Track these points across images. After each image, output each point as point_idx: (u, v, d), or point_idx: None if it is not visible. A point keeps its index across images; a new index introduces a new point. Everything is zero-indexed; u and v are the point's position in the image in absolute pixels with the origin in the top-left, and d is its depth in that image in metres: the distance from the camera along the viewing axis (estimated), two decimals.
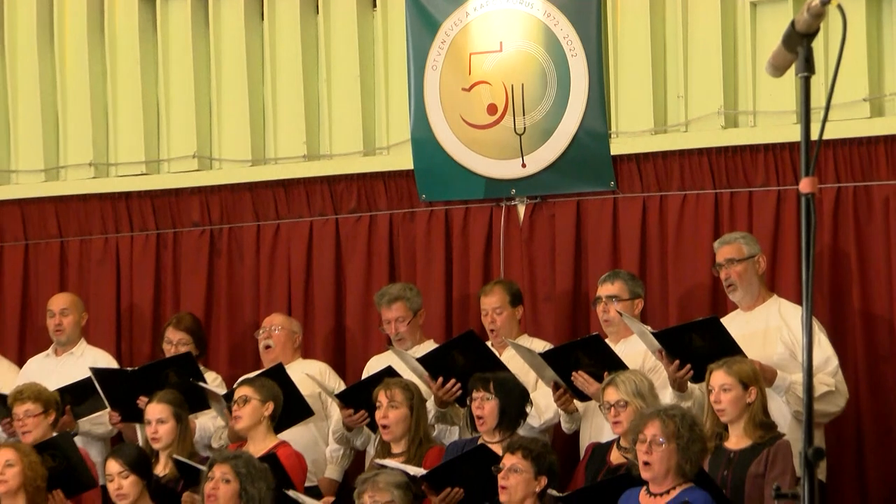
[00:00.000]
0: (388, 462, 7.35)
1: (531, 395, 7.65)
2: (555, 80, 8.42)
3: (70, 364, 8.83)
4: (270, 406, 7.76)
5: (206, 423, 8.43)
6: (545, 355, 7.50)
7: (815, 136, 3.88)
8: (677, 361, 7.11)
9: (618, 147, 8.45)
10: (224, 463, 7.17)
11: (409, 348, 8.17)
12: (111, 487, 7.47)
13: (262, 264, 9.25)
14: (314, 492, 7.88)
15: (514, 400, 7.42)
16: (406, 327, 8.19)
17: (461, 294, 8.79)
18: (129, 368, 8.54)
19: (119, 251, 9.60)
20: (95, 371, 8.37)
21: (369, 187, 9.05)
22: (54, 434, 8.08)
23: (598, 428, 7.54)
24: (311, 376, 8.19)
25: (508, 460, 6.78)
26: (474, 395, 7.38)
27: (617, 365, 7.24)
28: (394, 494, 6.93)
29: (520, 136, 8.52)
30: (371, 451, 7.95)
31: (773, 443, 6.77)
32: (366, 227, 9.05)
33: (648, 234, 8.42)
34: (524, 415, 7.54)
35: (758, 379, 6.85)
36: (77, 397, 8.44)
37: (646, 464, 6.41)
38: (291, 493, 7.35)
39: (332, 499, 7.65)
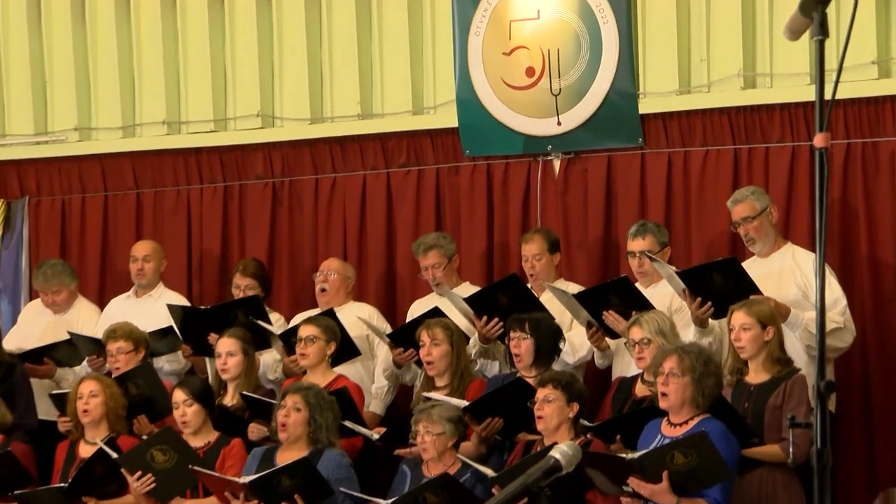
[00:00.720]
0: (433, 395, 7.40)
1: (566, 335, 7.70)
2: (588, 45, 8.41)
3: (149, 305, 8.90)
4: (333, 345, 7.85)
5: (268, 359, 8.48)
6: (578, 296, 7.53)
7: (828, 95, 3.93)
8: (699, 299, 7.14)
9: (645, 106, 8.46)
10: (296, 393, 7.22)
11: (441, 286, 8.22)
12: (176, 415, 7.54)
13: (319, 214, 9.28)
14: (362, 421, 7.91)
15: (548, 339, 7.46)
16: (442, 272, 8.25)
17: (501, 241, 8.81)
18: (202, 307, 8.58)
19: (190, 202, 9.63)
20: (172, 307, 8.47)
21: (418, 144, 9.06)
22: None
23: (627, 364, 7.55)
24: (364, 321, 8.24)
25: (541, 393, 6.83)
26: (511, 335, 7.44)
27: (643, 305, 7.29)
28: (445, 427, 6.98)
29: (555, 96, 8.52)
30: (417, 385, 7.99)
31: (789, 377, 6.80)
32: (414, 180, 9.07)
33: (673, 187, 8.42)
34: (557, 352, 7.58)
35: (775, 319, 6.88)
36: (157, 339, 8.54)
37: (663, 394, 6.49)
38: (348, 423, 7.44)
39: (383, 429, 7.67)
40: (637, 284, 7.66)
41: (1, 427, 7.96)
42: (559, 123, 8.55)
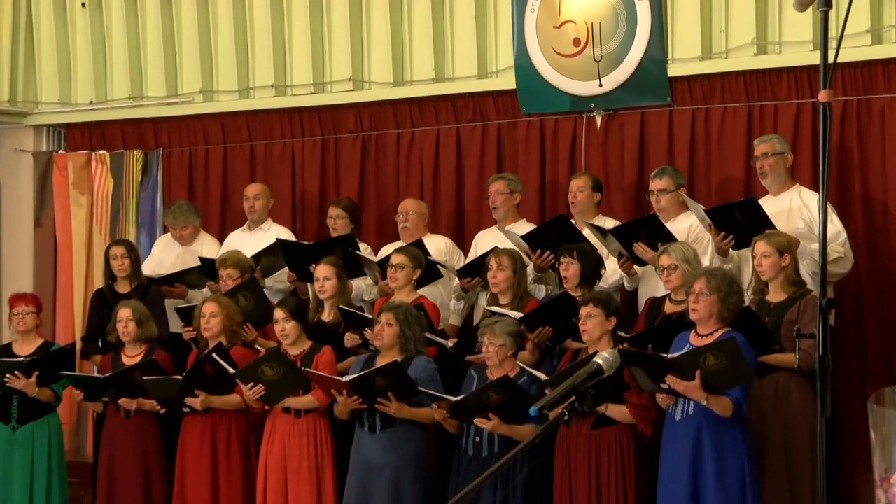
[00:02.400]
0: (495, 308, 7.40)
1: None
2: (625, 18, 8.36)
3: (260, 237, 8.92)
4: (418, 271, 7.88)
5: (360, 284, 8.51)
6: (613, 231, 7.51)
7: (830, 59, 4.06)
8: (723, 233, 7.10)
9: (673, 70, 8.38)
10: (389, 311, 7.24)
11: (506, 223, 8.20)
12: (277, 329, 7.56)
13: (400, 162, 9.29)
14: (441, 333, 7.93)
15: (591, 264, 7.46)
16: (501, 199, 8.24)
17: (552, 184, 8.77)
18: (307, 242, 8.58)
19: (294, 152, 9.65)
20: (281, 242, 8.50)
21: (482, 103, 9.02)
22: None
23: (652, 287, 7.57)
24: (437, 260, 8.22)
25: (584, 310, 6.79)
26: (562, 260, 7.44)
27: (667, 237, 7.25)
28: (505, 339, 6.96)
29: (597, 62, 8.45)
30: (483, 301, 7.97)
31: (803, 297, 6.80)
32: (479, 133, 9.04)
33: (696, 138, 8.36)
34: (599, 276, 7.56)
35: (791, 248, 6.88)
36: (265, 260, 8.57)
37: (694, 310, 6.46)
38: (428, 334, 7.45)
39: (455, 340, 7.69)
40: None
41: (149, 339, 8.05)
42: (600, 85, 8.48)
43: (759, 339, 6.51)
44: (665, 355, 6.37)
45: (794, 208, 7.32)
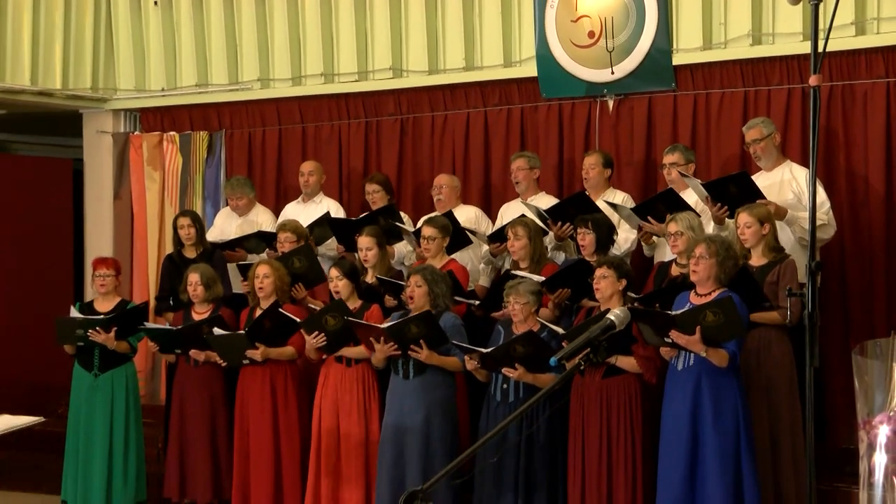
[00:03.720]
0: (519, 272, 7.37)
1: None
2: (634, 13, 8.29)
3: (313, 208, 8.92)
4: (447, 239, 7.87)
5: (402, 248, 8.50)
6: (636, 209, 7.49)
7: (819, 48, 4.09)
8: (719, 204, 7.05)
9: (677, 59, 8.31)
10: (417, 274, 7.26)
11: (528, 196, 8.16)
12: (331, 286, 7.59)
13: (434, 142, 9.26)
14: (471, 294, 7.93)
15: (605, 233, 7.41)
16: (523, 175, 8.20)
17: (569, 161, 8.72)
18: (352, 218, 8.54)
19: (340, 133, 9.63)
20: (331, 219, 8.52)
21: (507, 89, 8.97)
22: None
23: (666, 253, 7.48)
24: (468, 229, 8.18)
25: (598, 272, 6.78)
26: (578, 230, 7.41)
27: (683, 207, 7.19)
28: (529, 298, 6.95)
29: (610, 52, 8.38)
30: (507, 265, 7.94)
31: (782, 261, 6.76)
32: (505, 116, 8.99)
33: (698, 120, 8.30)
34: (612, 242, 7.51)
35: (770, 217, 6.83)
36: (317, 231, 8.57)
37: (694, 272, 6.44)
38: (457, 297, 7.47)
39: (476, 302, 7.66)
40: None
41: (216, 299, 8.09)
42: (612, 73, 8.41)
43: (750, 297, 6.49)
44: (669, 312, 6.36)
45: (784, 181, 7.26)
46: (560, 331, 6.83)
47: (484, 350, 6.86)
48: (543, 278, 7.23)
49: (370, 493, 7.38)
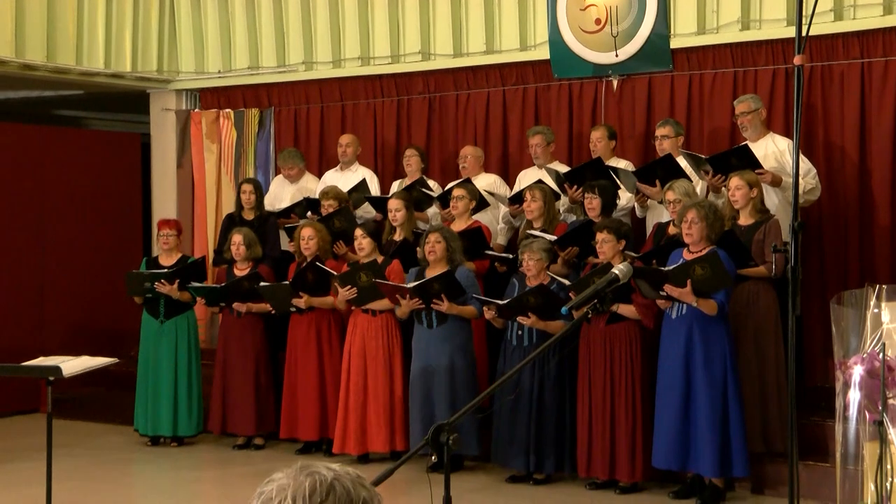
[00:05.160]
0: (534, 231, 7.33)
1: None
2: (636, 2, 8.18)
3: (350, 175, 8.86)
4: (473, 202, 7.85)
5: (431, 212, 8.42)
6: (636, 172, 7.44)
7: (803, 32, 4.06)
8: (719, 175, 6.99)
9: (674, 43, 8.18)
10: (436, 231, 7.29)
11: (542, 164, 8.07)
12: (356, 244, 7.61)
13: (458, 117, 9.15)
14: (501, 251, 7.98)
15: (610, 198, 7.38)
16: (541, 150, 8.10)
17: (577, 134, 8.62)
18: (384, 196, 8.45)
19: (375, 110, 9.53)
20: (368, 196, 8.50)
21: (523, 70, 8.86)
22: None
23: (657, 215, 7.50)
24: (489, 191, 8.14)
25: (599, 236, 6.79)
26: (586, 195, 7.36)
27: (679, 174, 7.13)
28: (542, 255, 6.94)
29: (614, 37, 8.27)
30: (522, 224, 7.89)
31: (768, 221, 6.74)
32: (521, 94, 8.88)
33: (692, 97, 8.19)
34: (615, 206, 7.45)
35: (758, 183, 6.80)
36: (355, 195, 8.54)
37: (688, 234, 6.42)
38: (487, 251, 7.49)
39: (511, 256, 7.59)
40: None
41: (255, 258, 8.10)
42: (617, 55, 8.30)
43: (739, 255, 6.46)
44: (663, 268, 6.38)
45: (768, 153, 7.19)
46: (567, 283, 6.83)
47: (501, 301, 6.86)
48: (555, 237, 7.20)
49: (394, 426, 7.41)
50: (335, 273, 7.54)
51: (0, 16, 9.09)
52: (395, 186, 8.70)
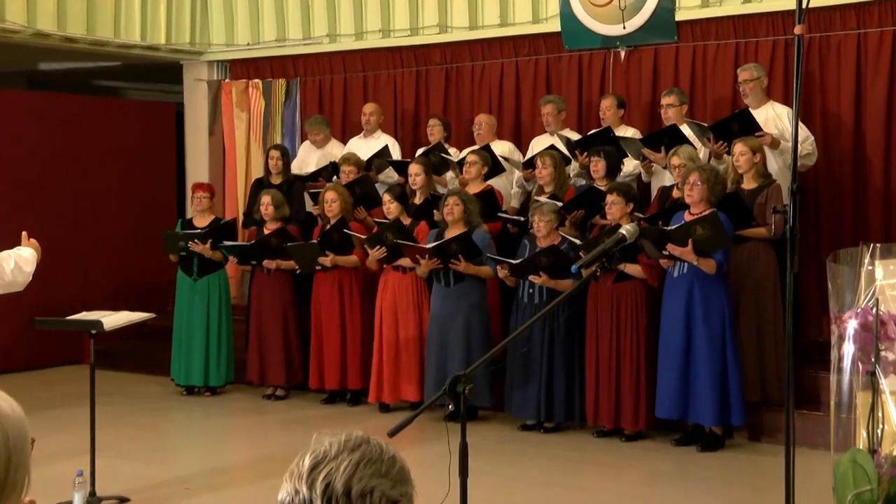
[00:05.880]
0: (542, 199, 7.29)
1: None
2: None
3: (372, 142, 8.81)
4: (486, 168, 7.78)
5: (449, 175, 8.35)
6: (643, 140, 7.36)
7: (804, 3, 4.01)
8: (721, 141, 6.93)
9: (679, 16, 8.08)
10: (454, 195, 7.27)
11: (554, 131, 7.99)
12: (384, 208, 7.61)
13: (474, 87, 9.09)
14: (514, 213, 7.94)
15: (614, 162, 7.34)
16: (553, 118, 8.04)
17: (587, 103, 8.54)
18: (406, 160, 8.38)
19: (395, 80, 9.46)
20: (390, 160, 8.45)
21: (535, 41, 8.76)
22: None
23: (660, 179, 7.43)
24: (505, 156, 8.07)
25: (609, 198, 6.75)
26: (592, 159, 7.31)
27: (684, 140, 7.06)
28: (551, 216, 6.93)
29: (622, 10, 8.17)
30: (534, 189, 7.84)
31: (769, 185, 6.70)
32: (533, 64, 8.79)
33: (696, 67, 8.09)
34: (619, 170, 7.41)
35: (761, 148, 6.74)
36: (377, 162, 8.50)
37: (689, 195, 6.40)
38: (500, 214, 7.42)
39: (522, 218, 7.55)
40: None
41: (283, 218, 8.08)
42: (624, 28, 8.19)
43: (741, 216, 6.42)
44: (666, 228, 6.35)
45: (768, 119, 7.12)
46: (578, 242, 6.80)
47: (513, 261, 6.85)
48: (562, 203, 7.17)
49: (423, 377, 7.43)
50: (361, 236, 7.52)
51: None
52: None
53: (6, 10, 8.79)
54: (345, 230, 7.61)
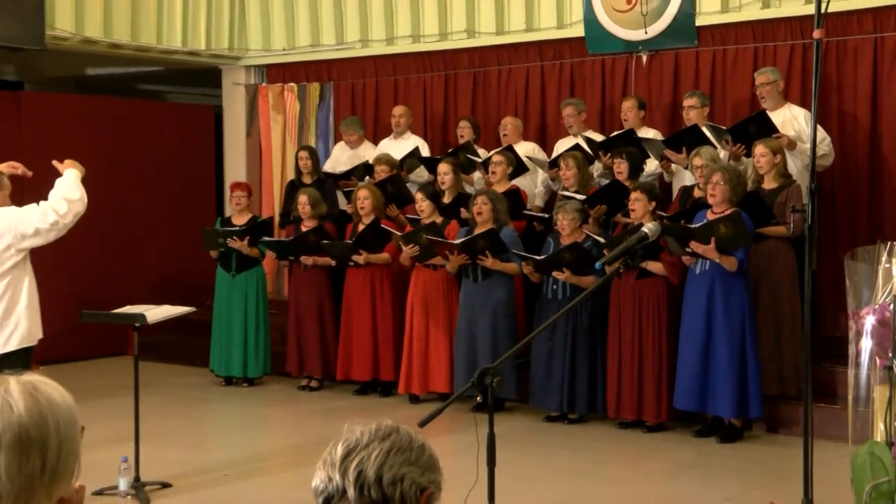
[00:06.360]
0: (566, 193, 7.27)
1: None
2: None
3: (403, 143, 8.80)
4: (510, 168, 7.77)
5: (476, 176, 8.31)
6: (666, 141, 7.30)
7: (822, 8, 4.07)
8: (739, 143, 6.85)
9: (699, 21, 8.01)
10: (482, 194, 7.25)
11: (576, 133, 7.96)
12: (416, 206, 7.59)
13: (500, 90, 9.05)
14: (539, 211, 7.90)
15: (637, 163, 7.29)
16: (573, 119, 8.01)
17: (609, 105, 8.48)
18: (437, 157, 8.38)
19: (425, 84, 9.44)
20: (420, 157, 8.46)
21: (560, 46, 8.71)
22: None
23: (682, 179, 7.39)
24: (530, 156, 8.05)
25: (633, 195, 6.71)
26: (615, 160, 7.28)
27: (705, 141, 7.01)
28: (574, 215, 6.90)
29: (644, 16, 8.11)
30: (559, 187, 7.81)
31: (790, 185, 6.65)
32: (558, 68, 8.75)
33: (715, 71, 8.02)
34: (642, 170, 7.36)
35: (782, 149, 6.69)
36: (408, 162, 8.50)
37: (712, 195, 6.34)
38: (525, 211, 7.44)
39: (546, 215, 7.53)
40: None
41: (320, 216, 8.09)
42: (646, 32, 8.13)
43: (761, 215, 6.37)
44: (689, 226, 6.31)
45: (786, 120, 7.06)
46: (602, 240, 6.77)
47: (538, 257, 6.83)
48: (585, 197, 7.15)
49: (451, 369, 7.43)
50: (397, 233, 7.52)
51: (90, 0, 9.14)
52: None
53: (56, 19, 8.88)
54: (381, 225, 7.64)
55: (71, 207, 4.83)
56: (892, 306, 3.32)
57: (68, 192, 4.84)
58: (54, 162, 5.00)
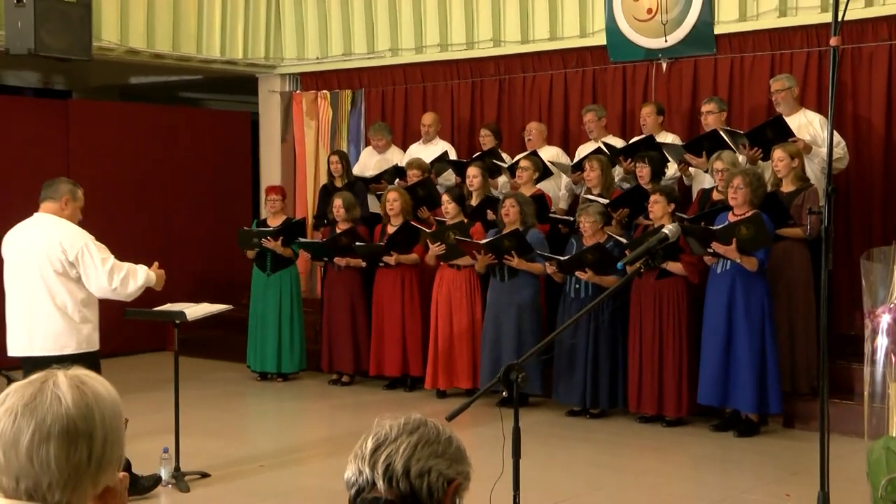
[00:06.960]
0: (590, 196, 7.23)
1: None
2: None
3: (432, 148, 8.79)
4: (537, 173, 7.73)
5: (502, 180, 8.31)
6: (686, 146, 7.26)
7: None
8: (756, 147, 6.81)
9: (718, 29, 7.94)
10: (510, 197, 7.25)
11: (597, 138, 7.92)
12: (443, 209, 7.58)
13: (525, 97, 9.00)
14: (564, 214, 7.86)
15: (657, 167, 7.26)
16: (594, 125, 7.98)
17: (630, 111, 8.42)
18: (464, 160, 8.40)
19: (453, 91, 9.42)
20: (449, 160, 8.46)
21: (583, 54, 8.68)
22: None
23: (700, 181, 7.36)
24: (553, 161, 8.00)
25: (652, 198, 6.69)
26: (637, 164, 7.25)
27: (724, 146, 6.96)
28: (596, 217, 6.88)
29: (664, 25, 8.06)
30: (582, 191, 7.77)
31: (807, 188, 6.60)
32: (580, 76, 8.71)
33: (733, 77, 7.95)
34: (663, 174, 7.32)
35: (800, 153, 6.64)
36: (437, 166, 8.50)
37: (733, 198, 6.32)
38: (551, 214, 7.40)
39: (571, 218, 7.50)
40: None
41: (354, 219, 8.10)
42: (666, 41, 8.08)
43: (779, 216, 6.33)
44: (711, 227, 6.29)
45: (801, 126, 7.01)
46: (623, 241, 6.74)
47: (561, 258, 6.80)
48: (608, 200, 7.12)
49: (476, 366, 7.43)
50: (426, 230, 7.52)
51: (134, 13, 9.23)
52: None
53: (102, 31, 8.97)
54: (411, 223, 7.63)
55: (129, 293, 4.94)
56: None
57: (135, 277, 4.92)
58: (155, 264, 5.09)
